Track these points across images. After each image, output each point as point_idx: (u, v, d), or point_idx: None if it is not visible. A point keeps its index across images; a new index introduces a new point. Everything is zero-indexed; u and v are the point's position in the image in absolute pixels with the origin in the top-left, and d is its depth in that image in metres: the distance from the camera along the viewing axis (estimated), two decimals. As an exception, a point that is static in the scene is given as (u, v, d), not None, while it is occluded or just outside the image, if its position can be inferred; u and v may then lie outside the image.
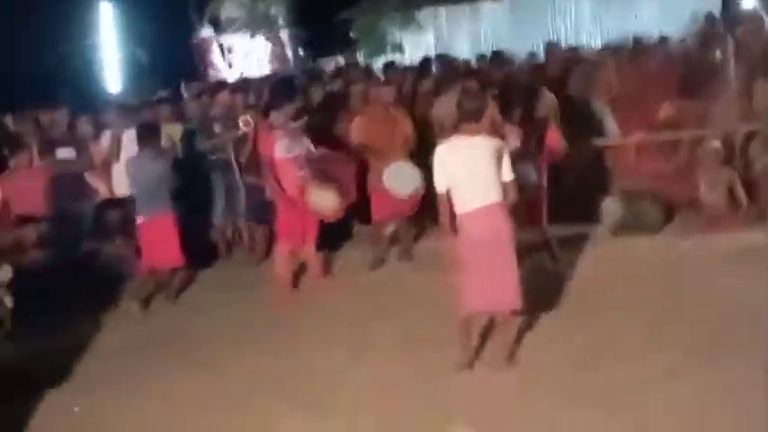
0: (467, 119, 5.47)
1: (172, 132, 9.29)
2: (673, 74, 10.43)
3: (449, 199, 5.44)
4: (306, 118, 8.37)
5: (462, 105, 5.54)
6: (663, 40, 12.36)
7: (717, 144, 8.55)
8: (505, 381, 5.47)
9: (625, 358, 5.60)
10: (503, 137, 7.35)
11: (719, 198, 8.37)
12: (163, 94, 11.28)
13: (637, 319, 6.25)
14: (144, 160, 7.78)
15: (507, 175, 5.47)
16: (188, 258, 8.05)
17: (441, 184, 5.45)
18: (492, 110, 8.03)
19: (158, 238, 7.77)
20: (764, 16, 11.40)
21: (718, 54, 10.44)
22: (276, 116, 7.82)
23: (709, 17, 13.68)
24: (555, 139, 7.50)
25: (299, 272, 8.11)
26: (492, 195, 5.40)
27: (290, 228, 7.68)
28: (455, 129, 5.69)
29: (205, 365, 6.29)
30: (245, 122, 8.73)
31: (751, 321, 5.90)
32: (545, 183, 7.42)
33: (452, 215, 5.47)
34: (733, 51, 9.30)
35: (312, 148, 7.92)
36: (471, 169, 5.37)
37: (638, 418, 4.81)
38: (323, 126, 9.25)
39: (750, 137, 9.19)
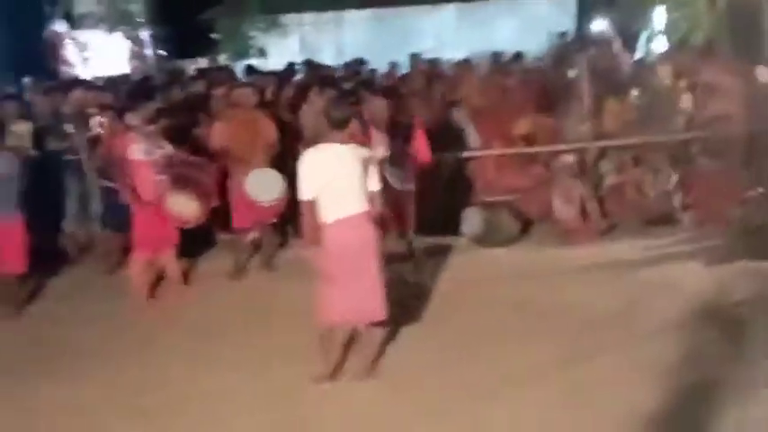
0: (334, 127, 5.40)
1: (19, 131, 8.79)
2: (529, 89, 10.79)
3: (314, 207, 5.35)
4: (164, 120, 8.13)
5: (329, 113, 5.44)
6: (517, 56, 12.76)
7: (570, 160, 8.89)
8: (365, 392, 5.42)
9: (484, 362, 5.70)
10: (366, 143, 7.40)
11: (572, 212, 8.71)
12: (9, 89, 10.64)
13: (496, 324, 6.40)
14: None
15: (373, 184, 5.43)
16: (35, 265, 7.59)
17: (306, 193, 5.34)
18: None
19: (2, 242, 7.28)
20: (614, 38, 11.96)
21: (571, 72, 10.88)
22: (133, 117, 7.52)
23: (564, 36, 14.28)
24: (423, 144, 7.54)
25: (157, 281, 7.84)
26: (358, 205, 5.35)
27: (147, 235, 7.39)
28: (322, 136, 5.61)
29: (56, 377, 5.91)
30: (98, 123, 8.36)
31: (601, 327, 6.18)
32: (413, 188, 7.40)
33: (317, 224, 5.38)
34: (585, 70, 9.68)
35: (171, 151, 7.67)
36: (337, 178, 5.29)
37: (503, 420, 4.90)
38: (182, 129, 8.99)
39: (601, 154, 9.63)
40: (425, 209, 7.96)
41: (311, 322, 5.58)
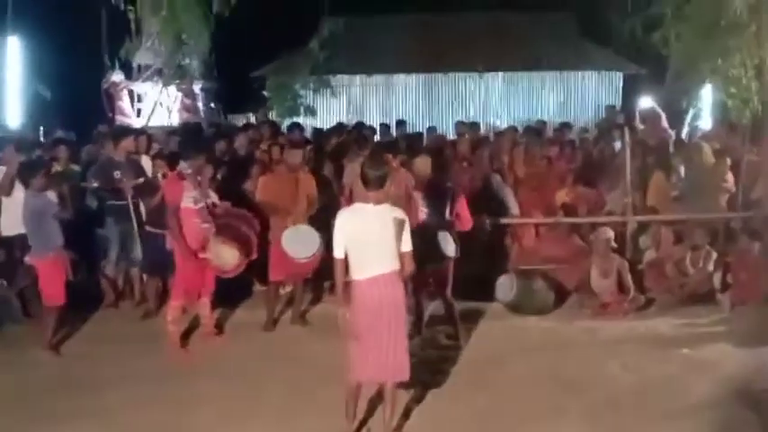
0: (369, 186, 5.46)
1: (68, 173, 9.07)
2: (573, 160, 10.83)
3: (347, 265, 5.39)
4: (213, 171, 8.32)
5: (365, 172, 5.46)
6: (565, 125, 12.84)
7: (609, 232, 8.86)
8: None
9: (513, 429, 5.66)
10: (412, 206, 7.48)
11: (609, 285, 8.65)
12: (61, 134, 10.96)
13: (524, 396, 6.33)
14: (39, 197, 7.50)
15: (406, 245, 5.44)
16: (73, 306, 7.75)
17: (339, 250, 5.40)
18: (405, 177, 8.15)
19: (45, 276, 7.49)
20: (660, 114, 11.98)
21: (616, 145, 10.90)
22: (186, 166, 7.69)
23: (612, 109, 14.34)
24: (465, 210, 7.58)
25: (191, 327, 7.92)
26: (388, 265, 5.37)
27: (188, 283, 7.51)
28: (360, 195, 5.66)
29: (82, 417, 5.98)
30: (163, 175, 8.58)
31: (631, 403, 6.11)
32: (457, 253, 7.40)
33: (347, 282, 5.42)
34: (630, 144, 9.71)
35: (217, 201, 7.83)
36: (370, 237, 5.33)
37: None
38: (228, 181, 9.16)
39: (642, 228, 9.59)
40: (462, 273, 7.96)
41: (339, 377, 5.58)
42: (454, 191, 7.54)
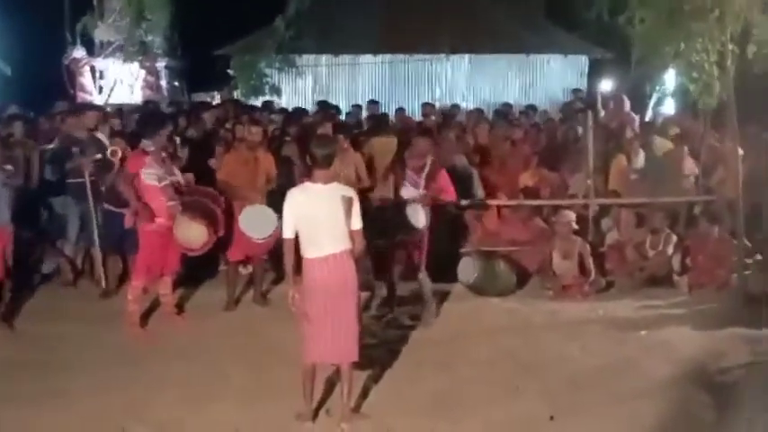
0: (316, 165, 5.40)
1: (25, 150, 8.89)
2: (537, 143, 10.87)
3: (292, 246, 5.35)
4: (176, 149, 8.22)
5: (312, 151, 5.41)
6: (530, 108, 12.88)
7: (571, 215, 8.90)
8: (349, 433, 5.38)
9: (469, 412, 5.66)
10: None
11: (570, 267, 8.70)
12: (15, 109, 10.72)
13: (484, 375, 6.36)
14: None
15: (356, 223, 5.41)
16: (30, 285, 7.62)
17: (288, 230, 5.36)
18: (355, 159, 8.15)
19: None
20: (623, 99, 12.06)
21: (579, 129, 10.96)
22: (149, 144, 7.56)
23: (578, 93, 14.41)
24: (447, 183, 7.57)
25: (152, 307, 7.83)
26: (337, 244, 5.34)
27: (150, 262, 7.39)
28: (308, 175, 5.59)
29: (41, 399, 5.85)
30: (113, 153, 8.43)
31: (588, 383, 6.15)
32: (428, 225, 7.36)
33: (296, 262, 5.38)
34: (593, 128, 9.74)
35: (181, 179, 7.73)
36: (318, 216, 5.30)
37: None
38: (192, 159, 9.05)
39: (603, 211, 9.66)
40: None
41: (299, 358, 5.55)
42: (433, 165, 7.51)
